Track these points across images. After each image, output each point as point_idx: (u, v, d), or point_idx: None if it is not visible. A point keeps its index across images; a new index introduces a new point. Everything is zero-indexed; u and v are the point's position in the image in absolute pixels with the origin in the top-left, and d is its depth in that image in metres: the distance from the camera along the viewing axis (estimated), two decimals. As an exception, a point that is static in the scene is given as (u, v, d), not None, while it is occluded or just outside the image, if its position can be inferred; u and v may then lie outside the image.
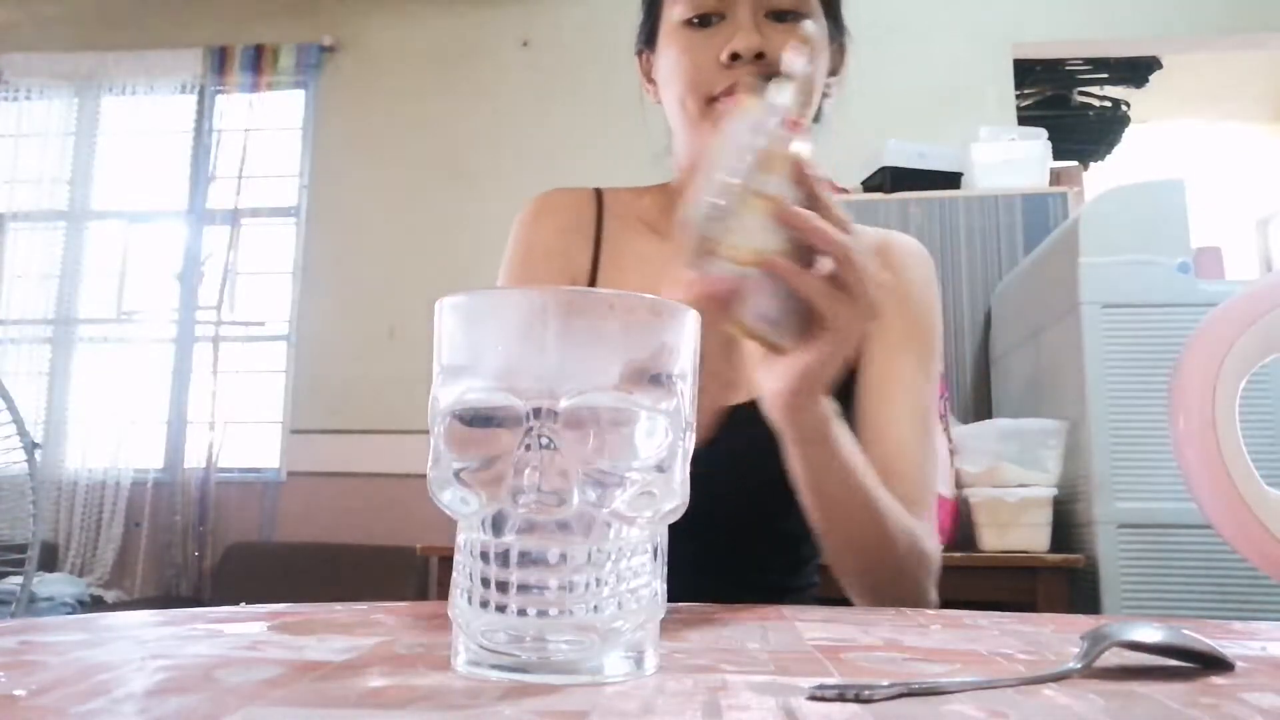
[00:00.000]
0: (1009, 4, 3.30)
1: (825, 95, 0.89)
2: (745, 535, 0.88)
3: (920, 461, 0.83)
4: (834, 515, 0.72)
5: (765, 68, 0.80)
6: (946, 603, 0.74)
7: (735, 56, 0.80)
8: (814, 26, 0.83)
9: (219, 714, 0.27)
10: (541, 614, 0.34)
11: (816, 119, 0.89)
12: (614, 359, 0.35)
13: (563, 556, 0.34)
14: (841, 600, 0.76)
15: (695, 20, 0.84)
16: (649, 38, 0.92)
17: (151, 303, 3.67)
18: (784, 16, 0.83)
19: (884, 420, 0.84)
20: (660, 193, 0.97)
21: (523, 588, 0.34)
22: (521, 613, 0.34)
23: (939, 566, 0.80)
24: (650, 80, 0.94)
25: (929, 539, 0.79)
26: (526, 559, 0.34)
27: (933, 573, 0.79)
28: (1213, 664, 0.38)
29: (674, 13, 0.85)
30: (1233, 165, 4.98)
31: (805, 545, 0.91)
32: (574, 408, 0.34)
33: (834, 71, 0.90)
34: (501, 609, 0.34)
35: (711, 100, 0.82)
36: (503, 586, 0.34)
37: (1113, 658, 0.38)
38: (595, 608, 0.34)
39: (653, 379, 0.36)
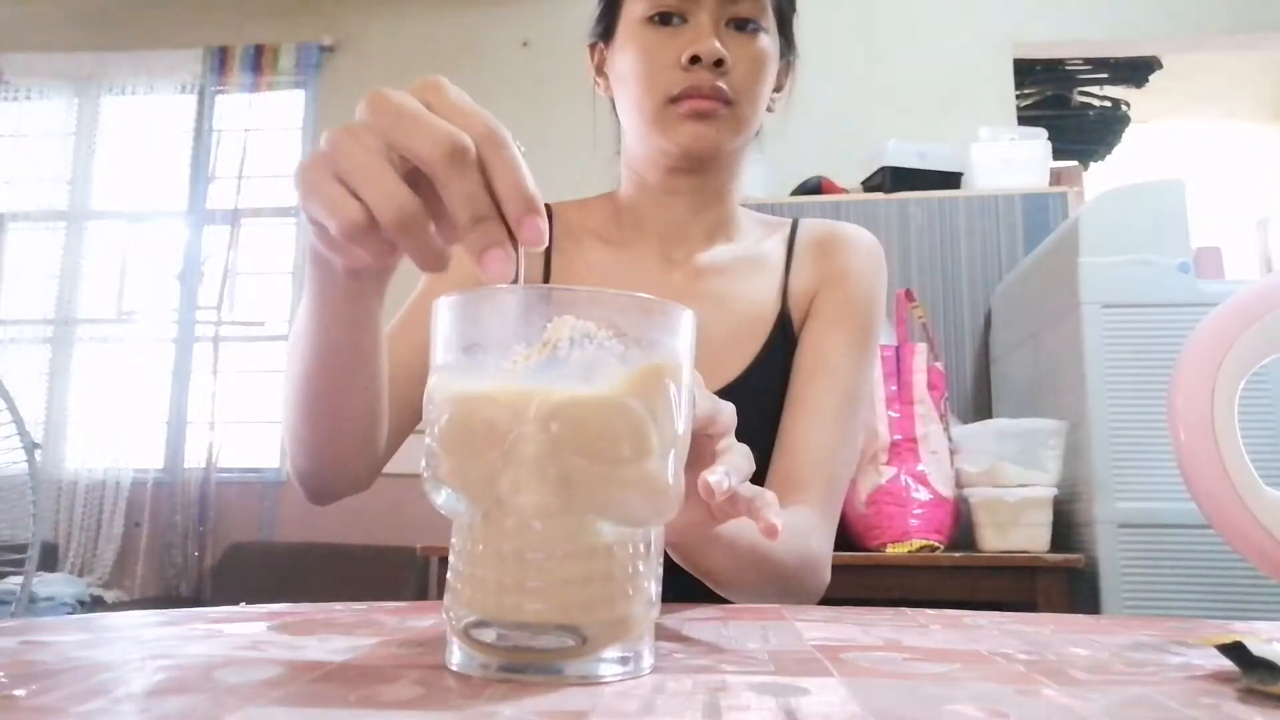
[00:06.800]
0: (1009, 4, 3.30)
1: (768, 110, 0.91)
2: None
3: (829, 464, 0.84)
4: (716, 578, 0.67)
5: (721, 74, 0.83)
6: (947, 603, 0.75)
7: (695, 59, 0.82)
8: (767, 40, 0.86)
9: (219, 714, 0.27)
10: (537, 614, 0.34)
11: (756, 134, 0.91)
12: (610, 358, 0.35)
13: (558, 556, 0.34)
14: (836, 600, 0.76)
15: (656, 18, 0.85)
16: (606, 31, 0.92)
17: (151, 303, 3.66)
18: (744, 25, 0.85)
19: (803, 411, 0.85)
20: (606, 201, 0.98)
21: (518, 587, 0.34)
22: (517, 612, 0.34)
23: (827, 557, 0.81)
24: (600, 73, 0.95)
25: (818, 539, 0.80)
26: (522, 559, 0.34)
27: (819, 569, 0.79)
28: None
29: (635, 9, 0.86)
30: (1233, 165, 4.98)
31: None
32: (570, 407, 0.34)
33: (779, 88, 0.92)
34: (498, 608, 0.34)
35: (669, 100, 0.84)
36: (499, 586, 0.34)
37: (1113, 659, 0.38)
38: (592, 607, 0.34)
39: (649, 378, 0.36)
